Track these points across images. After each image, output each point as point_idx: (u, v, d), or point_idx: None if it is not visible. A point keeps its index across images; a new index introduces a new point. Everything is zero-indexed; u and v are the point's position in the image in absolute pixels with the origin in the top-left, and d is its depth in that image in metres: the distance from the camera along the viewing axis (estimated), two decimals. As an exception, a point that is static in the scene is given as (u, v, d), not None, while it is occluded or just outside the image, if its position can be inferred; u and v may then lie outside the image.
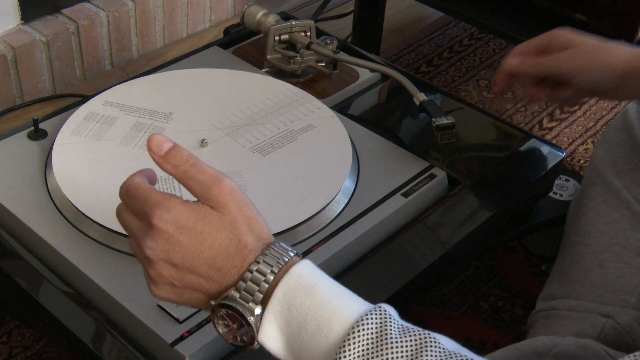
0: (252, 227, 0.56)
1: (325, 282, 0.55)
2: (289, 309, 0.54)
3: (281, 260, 0.55)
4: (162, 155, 0.57)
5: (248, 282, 0.54)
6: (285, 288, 0.54)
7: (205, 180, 0.56)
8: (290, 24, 1.02)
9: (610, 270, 0.81)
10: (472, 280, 1.07)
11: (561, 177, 1.04)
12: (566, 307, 0.81)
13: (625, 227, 0.82)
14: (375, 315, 0.53)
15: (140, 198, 0.56)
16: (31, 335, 0.95)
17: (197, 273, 0.55)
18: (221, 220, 0.55)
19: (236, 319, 0.55)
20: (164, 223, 0.54)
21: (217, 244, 0.55)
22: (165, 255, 0.55)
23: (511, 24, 1.18)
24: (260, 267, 0.54)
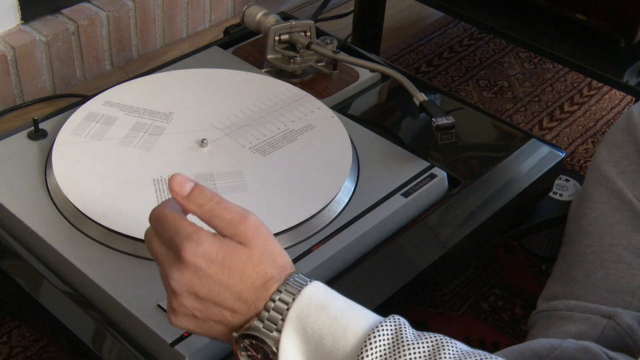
0: (276, 261, 0.57)
1: (336, 298, 0.56)
2: (304, 328, 0.54)
3: (301, 287, 0.56)
4: (185, 195, 0.57)
5: (271, 312, 0.55)
6: (298, 308, 0.55)
7: (231, 218, 0.56)
8: (290, 24, 1.02)
9: (612, 271, 0.81)
10: (472, 280, 1.07)
11: (561, 177, 1.04)
12: (567, 308, 0.81)
13: (628, 228, 0.82)
14: (389, 323, 0.54)
15: (170, 227, 0.56)
16: (31, 335, 0.95)
17: (222, 306, 0.56)
18: (249, 255, 0.56)
19: (260, 348, 0.56)
20: (194, 256, 0.55)
21: (244, 278, 0.56)
22: (190, 288, 0.56)
23: (511, 24, 1.18)
24: (282, 297, 0.55)
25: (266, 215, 0.78)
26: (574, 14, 1.12)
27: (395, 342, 0.53)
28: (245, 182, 0.82)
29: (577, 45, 1.13)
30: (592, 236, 0.85)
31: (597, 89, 1.49)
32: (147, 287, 0.71)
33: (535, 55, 1.56)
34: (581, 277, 0.83)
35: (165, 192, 0.79)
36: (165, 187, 0.80)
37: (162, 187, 0.80)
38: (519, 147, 0.95)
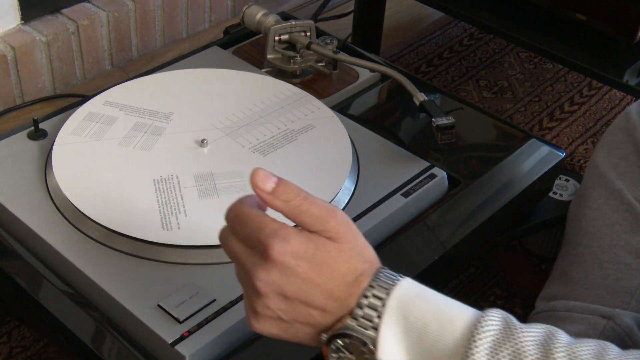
0: (364, 255, 0.55)
1: (432, 291, 0.55)
2: (405, 317, 0.53)
3: (393, 282, 0.54)
4: (270, 191, 0.54)
5: (365, 309, 0.53)
6: (397, 298, 0.53)
7: (320, 213, 0.54)
8: (290, 24, 1.02)
9: (611, 271, 0.81)
10: (472, 280, 1.07)
11: (561, 177, 1.04)
12: (566, 308, 0.81)
13: (627, 229, 0.82)
14: (496, 311, 0.53)
15: (253, 225, 0.54)
16: (31, 335, 0.95)
17: (311, 305, 0.54)
18: (340, 250, 0.54)
19: (355, 348, 0.53)
20: (282, 255, 0.52)
21: (335, 275, 0.53)
22: (278, 288, 0.53)
23: (511, 24, 1.18)
24: (375, 292, 0.53)
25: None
26: (574, 14, 1.12)
27: (506, 327, 0.52)
28: (245, 182, 0.82)
29: (577, 45, 1.13)
30: (591, 237, 0.85)
31: (597, 89, 1.49)
32: (147, 287, 0.71)
33: (535, 55, 1.56)
34: (580, 277, 0.83)
35: (165, 192, 0.79)
36: (166, 186, 0.80)
37: (162, 187, 0.80)
38: (519, 147, 0.95)
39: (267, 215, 0.54)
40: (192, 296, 0.70)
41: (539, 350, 0.51)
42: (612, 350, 0.53)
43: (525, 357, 0.51)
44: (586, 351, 0.52)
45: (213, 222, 0.76)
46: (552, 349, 0.51)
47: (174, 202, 0.78)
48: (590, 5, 1.10)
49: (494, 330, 0.52)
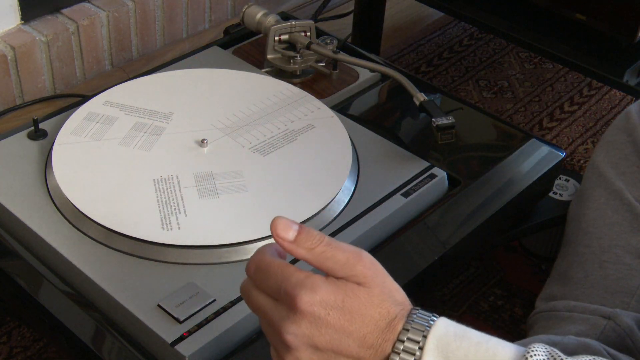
0: (395, 298, 0.54)
1: (470, 328, 0.53)
2: (446, 357, 0.51)
3: (428, 323, 0.53)
4: (292, 240, 0.53)
5: (402, 354, 0.52)
6: (436, 338, 0.52)
7: (347, 259, 0.53)
8: (290, 24, 1.02)
9: (611, 271, 0.81)
10: (472, 280, 1.07)
11: (561, 177, 1.04)
12: (566, 308, 0.81)
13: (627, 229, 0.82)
14: (540, 347, 0.52)
15: (277, 276, 0.52)
16: (31, 335, 0.95)
17: (345, 355, 0.52)
18: (370, 295, 0.52)
19: None
20: (311, 305, 0.51)
21: (367, 321, 0.52)
22: (309, 340, 0.51)
23: (511, 24, 1.18)
24: (411, 336, 0.52)
25: (266, 215, 0.78)
26: (574, 14, 1.12)
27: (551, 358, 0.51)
28: (245, 182, 0.82)
29: (577, 45, 1.13)
30: (591, 237, 0.85)
31: (597, 89, 1.49)
32: (147, 287, 0.71)
33: (535, 55, 1.55)
34: (580, 277, 0.83)
35: (165, 193, 0.79)
36: (166, 186, 0.80)
37: (162, 187, 0.80)
38: (519, 147, 0.95)
39: (291, 265, 0.53)
40: (192, 296, 0.70)
41: None
42: None
43: None
44: None
45: (213, 222, 0.76)
46: None
47: (174, 202, 0.78)
48: (590, 5, 1.10)
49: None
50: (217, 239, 0.74)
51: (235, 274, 0.73)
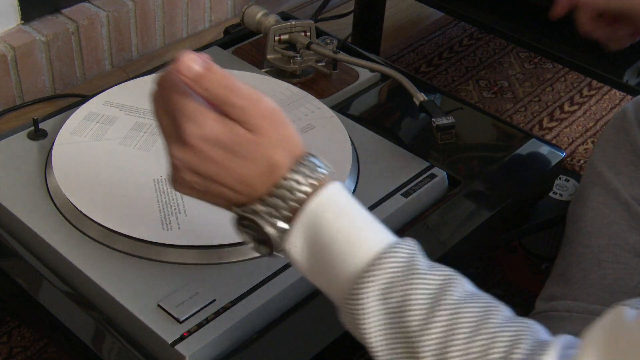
0: (286, 147, 0.55)
1: (356, 206, 0.55)
2: (319, 224, 0.53)
3: (312, 177, 0.54)
4: (193, 77, 0.53)
5: (274, 198, 0.54)
6: (317, 203, 0.53)
7: (243, 105, 0.54)
8: (290, 24, 1.02)
9: (609, 271, 0.81)
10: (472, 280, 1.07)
11: (561, 177, 1.04)
12: (565, 309, 0.81)
13: (624, 228, 0.82)
14: (406, 245, 0.53)
15: (174, 104, 0.54)
16: (31, 335, 0.95)
17: (223, 185, 0.55)
18: (256, 145, 0.54)
19: (259, 230, 0.54)
20: (195, 139, 0.53)
21: (249, 165, 0.54)
22: (191, 166, 0.54)
23: (511, 24, 1.18)
24: (290, 184, 0.54)
25: (266, 215, 0.78)
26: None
27: (407, 268, 0.52)
28: (245, 182, 0.82)
29: (577, 45, 1.13)
30: (590, 236, 0.85)
31: (597, 89, 1.49)
32: (147, 287, 0.71)
33: (535, 55, 1.56)
34: (579, 277, 0.83)
35: (165, 193, 0.79)
36: (166, 186, 0.80)
37: (162, 187, 0.80)
38: (519, 147, 0.95)
39: (190, 97, 0.54)
40: (192, 296, 0.70)
41: (428, 302, 0.51)
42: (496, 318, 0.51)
43: (411, 307, 0.51)
44: (469, 315, 0.51)
45: (213, 222, 0.76)
46: (439, 305, 0.51)
47: (174, 202, 0.78)
48: (590, 5, 1.09)
49: (394, 267, 0.52)
50: (217, 239, 0.74)
51: (235, 274, 0.73)
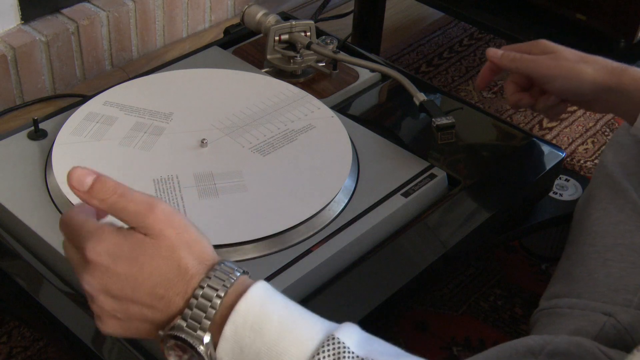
0: (192, 251, 0.54)
1: (274, 314, 0.53)
2: (240, 349, 0.52)
3: (227, 282, 0.53)
4: (86, 190, 0.54)
5: (194, 309, 0.53)
6: (232, 328, 0.52)
7: (137, 210, 0.54)
8: (290, 24, 1.02)
9: (614, 269, 0.81)
10: (472, 280, 1.07)
11: (561, 177, 1.04)
12: (567, 305, 0.81)
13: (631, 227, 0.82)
14: (327, 353, 0.51)
15: (75, 231, 0.55)
16: (31, 335, 0.95)
17: (139, 303, 0.54)
18: (157, 247, 0.53)
19: (186, 349, 0.53)
20: (97, 255, 0.53)
21: (155, 272, 0.53)
22: (103, 288, 0.53)
23: (511, 24, 1.18)
24: (205, 292, 0.52)
25: (266, 215, 0.78)
26: (574, 14, 1.12)
27: None
28: (245, 182, 0.82)
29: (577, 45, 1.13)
30: (596, 235, 0.85)
31: (597, 89, 1.49)
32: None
33: (535, 55, 1.55)
34: (583, 275, 0.83)
35: (165, 194, 0.79)
36: (166, 186, 0.80)
37: (162, 187, 0.80)
38: (519, 147, 0.95)
39: (88, 219, 0.55)
40: (192, 296, 0.70)
41: None
42: None
43: None
44: None
45: (213, 222, 0.76)
46: None
47: (174, 202, 0.78)
48: (590, 5, 1.10)
49: None
50: (217, 239, 0.74)
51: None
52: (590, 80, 0.81)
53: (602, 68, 0.81)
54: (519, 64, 0.85)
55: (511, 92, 0.89)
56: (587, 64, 0.82)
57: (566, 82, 0.82)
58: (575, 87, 0.82)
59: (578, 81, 0.81)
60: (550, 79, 0.83)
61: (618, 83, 0.80)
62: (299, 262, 0.75)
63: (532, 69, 0.84)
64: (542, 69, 0.83)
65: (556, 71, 0.82)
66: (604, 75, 0.80)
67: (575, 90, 0.82)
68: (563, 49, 0.84)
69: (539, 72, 0.84)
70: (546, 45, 0.85)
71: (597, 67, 0.81)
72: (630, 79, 0.80)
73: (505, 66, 0.87)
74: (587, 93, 0.82)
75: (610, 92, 0.81)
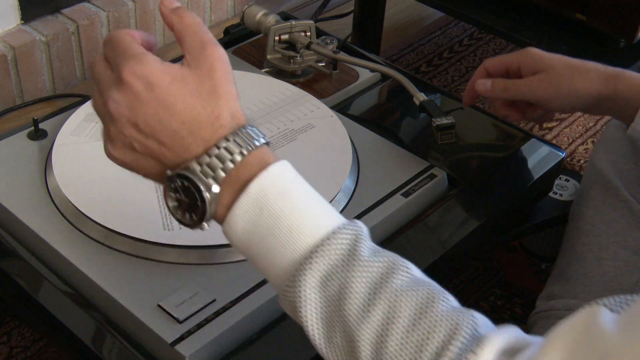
0: (229, 104, 0.53)
1: (301, 187, 0.53)
2: (260, 208, 0.51)
3: (252, 143, 0.52)
4: (173, 8, 0.55)
5: (212, 158, 0.52)
6: (259, 186, 0.51)
7: (202, 39, 0.53)
8: (290, 24, 1.02)
9: (609, 268, 0.81)
10: (472, 280, 1.07)
11: (561, 177, 1.04)
12: (565, 307, 0.81)
13: (624, 226, 0.83)
14: (349, 231, 0.52)
15: (120, 48, 0.53)
16: (31, 335, 0.95)
17: (159, 140, 0.53)
18: (201, 84, 0.52)
19: (190, 193, 0.52)
20: (135, 77, 0.52)
21: (188, 109, 0.52)
22: (129, 113, 0.52)
23: (511, 24, 1.18)
24: (229, 146, 0.52)
25: (266, 215, 0.78)
26: (574, 14, 1.12)
27: (349, 256, 0.51)
28: (245, 182, 0.82)
29: (577, 45, 1.13)
30: (589, 234, 0.85)
31: (597, 89, 1.49)
32: (147, 287, 0.71)
33: (535, 55, 1.55)
34: (578, 275, 0.83)
35: (165, 192, 0.79)
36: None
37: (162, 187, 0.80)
38: (519, 147, 0.95)
39: (136, 42, 0.54)
40: (192, 296, 0.70)
41: (368, 291, 0.50)
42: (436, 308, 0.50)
43: (350, 297, 0.50)
44: (408, 306, 0.50)
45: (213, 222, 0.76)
46: (379, 294, 0.50)
47: (174, 202, 0.78)
48: (590, 5, 1.10)
49: (335, 256, 0.51)
50: (217, 239, 0.74)
51: (235, 274, 0.73)
52: (586, 94, 0.80)
53: (597, 78, 0.80)
54: (512, 93, 0.83)
55: (498, 107, 0.88)
56: (580, 75, 0.80)
57: (563, 101, 0.81)
58: (573, 102, 0.81)
59: (575, 97, 0.80)
60: (547, 101, 0.81)
61: (614, 91, 0.79)
62: (299, 262, 0.75)
63: (526, 95, 0.82)
64: (537, 93, 0.81)
65: (552, 92, 0.80)
66: (599, 85, 0.79)
67: (572, 105, 0.82)
68: (554, 61, 0.81)
69: (534, 96, 0.82)
70: (534, 58, 0.83)
71: (591, 77, 0.80)
72: (626, 85, 0.79)
73: (498, 97, 0.85)
74: (584, 105, 0.81)
75: (606, 100, 0.80)
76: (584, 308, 0.47)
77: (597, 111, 0.84)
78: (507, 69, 0.85)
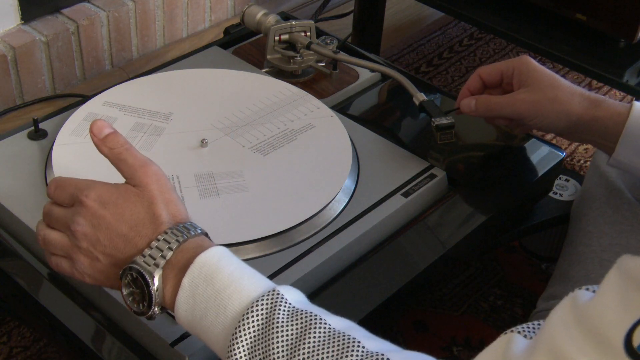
0: (168, 208, 0.62)
1: (226, 268, 0.59)
2: (193, 297, 0.58)
3: (188, 234, 0.61)
4: (101, 138, 0.64)
5: (154, 249, 0.60)
6: (190, 278, 0.58)
7: (133, 163, 0.63)
8: (290, 24, 1.02)
9: (610, 270, 0.81)
10: (472, 280, 1.07)
11: (561, 177, 1.04)
12: (565, 307, 0.81)
13: (627, 228, 0.82)
14: (265, 301, 0.56)
15: (71, 186, 0.64)
16: (31, 335, 0.95)
17: (115, 246, 0.61)
18: (140, 196, 0.62)
19: (139, 283, 0.60)
20: (91, 199, 0.62)
21: (134, 216, 0.61)
22: (91, 230, 0.61)
23: (511, 24, 1.18)
24: (168, 237, 0.60)
25: (266, 215, 0.78)
26: (574, 14, 1.12)
27: (266, 326, 0.55)
28: (245, 182, 0.82)
29: (577, 45, 1.13)
30: (592, 236, 0.85)
31: (597, 89, 1.49)
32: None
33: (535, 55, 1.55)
34: (580, 276, 0.83)
35: (165, 192, 0.79)
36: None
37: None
38: (519, 147, 0.95)
39: (78, 177, 0.65)
40: (192, 296, 0.70)
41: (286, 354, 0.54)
42: (353, 356, 0.53)
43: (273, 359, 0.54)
44: None
45: (213, 222, 0.76)
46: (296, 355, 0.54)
47: (174, 202, 0.78)
48: (590, 5, 1.10)
49: (254, 328, 0.55)
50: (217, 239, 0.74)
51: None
52: (565, 117, 0.82)
53: (579, 102, 0.82)
54: (496, 112, 0.86)
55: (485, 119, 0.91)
56: (563, 97, 0.82)
57: (542, 120, 0.83)
58: (553, 122, 0.83)
59: (555, 118, 0.82)
60: (527, 119, 0.84)
61: (593, 117, 0.81)
62: (300, 262, 0.75)
63: (508, 112, 0.85)
64: (518, 112, 0.84)
65: (533, 111, 0.83)
66: (580, 110, 0.81)
67: (551, 126, 0.84)
68: (541, 78, 0.83)
69: (515, 113, 0.84)
70: (528, 67, 0.84)
71: (574, 100, 0.82)
72: (606, 112, 0.81)
73: (483, 115, 0.88)
74: (563, 126, 0.83)
75: (585, 124, 0.82)
76: (501, 337, 0.51)
77: (576, 137, 0.85)
78: (502, 74, 0.86)
